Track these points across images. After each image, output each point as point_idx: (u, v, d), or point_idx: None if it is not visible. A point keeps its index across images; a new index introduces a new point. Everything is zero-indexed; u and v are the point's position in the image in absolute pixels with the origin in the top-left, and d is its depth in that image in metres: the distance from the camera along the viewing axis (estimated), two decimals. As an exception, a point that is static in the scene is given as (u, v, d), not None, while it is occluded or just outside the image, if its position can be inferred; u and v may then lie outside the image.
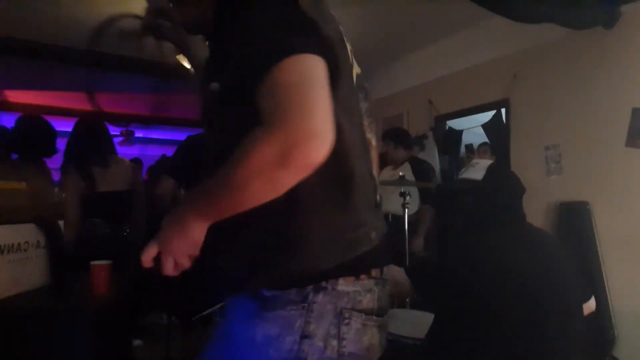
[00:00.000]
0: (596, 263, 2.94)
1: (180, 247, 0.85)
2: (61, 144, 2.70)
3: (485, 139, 4.35)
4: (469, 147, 5.08)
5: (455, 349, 1.39)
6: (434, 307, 1.43)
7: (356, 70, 1.03)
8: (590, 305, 1.59)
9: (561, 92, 3.29)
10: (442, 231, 3.48)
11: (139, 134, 9.50)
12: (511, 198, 1.53)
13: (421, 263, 2.85)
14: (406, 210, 2.75)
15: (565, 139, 3.25)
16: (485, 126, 3.99)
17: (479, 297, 1.35)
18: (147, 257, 0.86)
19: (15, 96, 7.24)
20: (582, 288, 1.57)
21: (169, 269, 0.86)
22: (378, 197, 0.96)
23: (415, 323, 1.91)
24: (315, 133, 0.68)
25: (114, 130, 8.68)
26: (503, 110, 3.79)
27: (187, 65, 4.16)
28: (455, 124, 4.35)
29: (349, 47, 1.01)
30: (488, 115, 3.95)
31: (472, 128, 4.24)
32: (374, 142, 0.99)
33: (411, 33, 4.23)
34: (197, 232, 0.84)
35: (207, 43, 1.02)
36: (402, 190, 2.82)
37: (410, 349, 1.74)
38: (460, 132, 4.33)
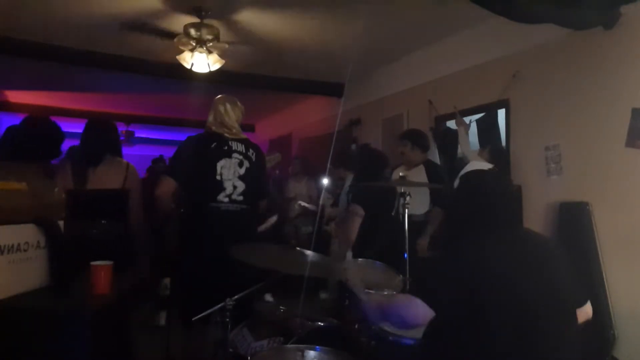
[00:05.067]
0: (596, 263, 2.94)
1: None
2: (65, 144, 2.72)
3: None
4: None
5: (450, 350, 1.40)
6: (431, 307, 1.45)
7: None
8: (586, 311, 1.56)
9: (561, 92, 3.29)
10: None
11: (139, 134, 9.51)
12: (487, 201, 1.54)
13: (421, 262, 2.86)
14: (406, 210, 2.75)
15: (565, 139, 3.25)
16: (478, 127, 3.98)
17: (469, 298, 1.36)
18: None
19: (16, 96, 7.24)
20: (578, 292, 1.56)
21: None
22: None
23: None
24: None
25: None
26: (503, 110, 3.79)
27: (187, 65, 4.21)
28: (452, 123, 4.35)
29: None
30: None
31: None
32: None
33: (411, 33, 4.24)
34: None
35: None
36: (402, 191, 2.83)
37: (409, 349, 1.75)
38: (457, 132, 4.32)
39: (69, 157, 2.84)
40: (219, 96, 2.75)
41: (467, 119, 3.96)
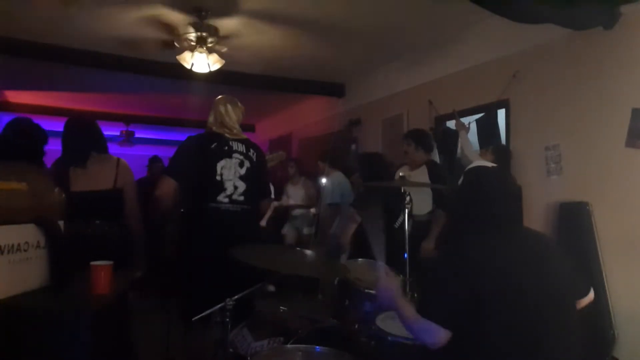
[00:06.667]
0: (596, 263, 2.94)
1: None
2: (57, 144, 2.67)
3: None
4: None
5: (451, 348, 1.40)
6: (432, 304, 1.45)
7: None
8: (589, 297, 1.62)
9: (561, 92, 3.29)
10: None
11: (139, 134, 9.52)
12: (489, 199, 1.54)
13: (423, 262, 2.86)
14: (406, 210, 2.76)
15: (565, 139, 3.25)
16: (477, 127, 3.98)
17: (470, 297, 1.37)
18: None
19: (16, 96, 7.24)
20: (579, 285, 1.59)
21: None
22: None
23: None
24: None
25: (112, 130, 8.71)
26: (503, 110, 3.79)
27: (187, 65, 4.19)
28: (452, 123, 4.34)
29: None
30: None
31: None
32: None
33: (411, 33, 4.24)
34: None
35: None
36: (403, 191, 2.83)
37: (409, 349, 1.75)
38: (456, 132, 4.32)
39: (53, 165, 2.74)
40: (220, 97, 2.74)
41: (466, 120, 3.96)
